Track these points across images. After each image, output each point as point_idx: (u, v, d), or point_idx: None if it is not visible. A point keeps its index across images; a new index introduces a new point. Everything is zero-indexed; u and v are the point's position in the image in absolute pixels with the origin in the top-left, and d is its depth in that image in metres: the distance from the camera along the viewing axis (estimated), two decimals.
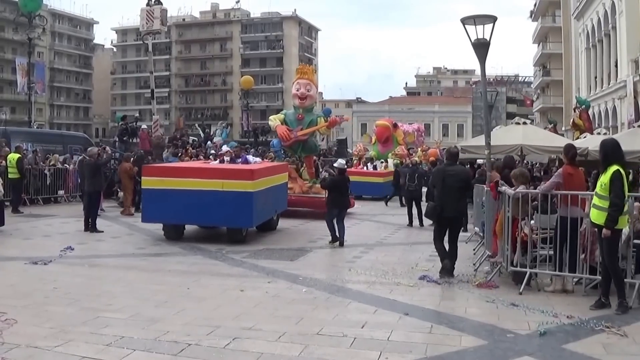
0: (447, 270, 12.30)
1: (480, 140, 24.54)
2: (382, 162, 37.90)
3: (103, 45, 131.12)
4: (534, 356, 7.58)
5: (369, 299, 10.42)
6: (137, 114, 43.37)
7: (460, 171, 13.02)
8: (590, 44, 48.40)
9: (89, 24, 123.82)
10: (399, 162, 37.70)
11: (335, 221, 16.65)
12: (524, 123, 24.25)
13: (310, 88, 25.14)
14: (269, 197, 17.57)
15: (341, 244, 16.41)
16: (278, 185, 18.92)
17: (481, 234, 15.71)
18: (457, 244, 12.85)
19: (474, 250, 15.74)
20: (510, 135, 22.31)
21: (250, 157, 20.34)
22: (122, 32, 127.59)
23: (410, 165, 25.60)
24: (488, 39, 14.19)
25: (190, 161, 25.29)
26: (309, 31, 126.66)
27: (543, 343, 8.07)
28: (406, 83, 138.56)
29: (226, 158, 19.33)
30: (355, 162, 40.79)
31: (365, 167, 36.79)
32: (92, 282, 11.35)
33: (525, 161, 31.90)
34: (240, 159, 19.45)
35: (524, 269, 11.26)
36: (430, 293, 11.18)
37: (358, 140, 67.43)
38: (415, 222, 21.66)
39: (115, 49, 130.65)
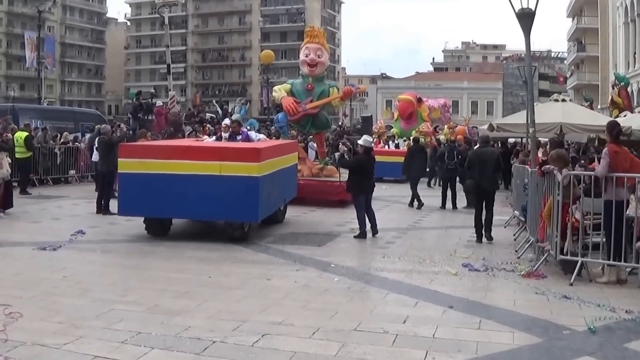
0: (480, 238, 14.40)
1: (517, 118, 23.87)
2: (404, 140, 36.45)
3: (116, 19, 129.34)
4: (595, 356, 6.83)
5: (408, 290, 9.61)
6: (153, 90, 42.33)
7: (491, 152, 15.42)
8: (629, 19, 46.72)
9: None
10: (423, 140, 36.43)
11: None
12: (563, 100, 23.48)
13: (322, 54, 21.66)
14: (277, 183, 14.76)
15: (374, 233, 14.56)
16: (287, 168, 16.10)
17: (522, 218, 15.03)
18: (493, 211, 14.77)
19: (514, 235, 14.97)
20: (549, 113, 21.43)
21: (252, 134, 17.26)
22: (136, 6, 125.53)
23: (448, 143, 24.42)
24: (533, 9, 13.45)
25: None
26: (331, 4, 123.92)
27: (603, 341, 7.31)
28: (433, 58, 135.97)
29: (224, 134, 16.63)
30: (375, 140, 39.39)
31: (386, 146, 35.26)
32: (105, 269, 10.52)
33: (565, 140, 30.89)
34: (240, 136, 16.36)
35: (574, 258, 10.43)
36: (474, 283, 10.37)
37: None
38: (448, 204, 20.68)
39: (129, 23, 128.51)
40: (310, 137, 26.01)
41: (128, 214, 13.78)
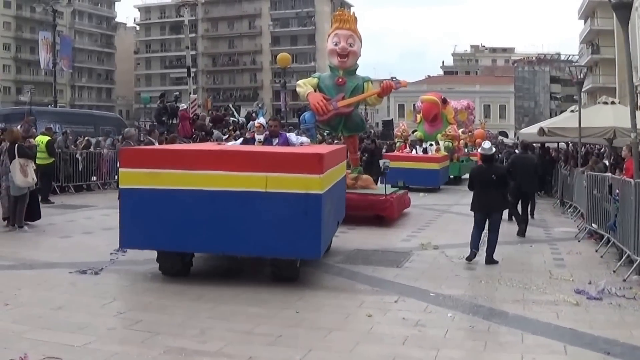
0: (523, 232, 15.70)
1: (569, 122, 22.34)
2: (431, 145, 34.23)
3: (125, 24, 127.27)
4: None
5: (540, 328, 7.85)
6: (177, 93, 40.56)
7: (531, 158, 17.45)
8: None
9: (110, 2, 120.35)
10: (450, 144, 34.49)
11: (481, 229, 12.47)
12: (612, 103, 22.13)
13: (354, 42, 17.99)
14: (334, 202, 11.25)
15: (486, 261, 12.05)
16: (340, 181, 12.43)
17: (605, 234, 13.47)
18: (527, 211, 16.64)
19: (596, 251, 13.39)
20: (600, 117, 20.44)
21: (292, 137, 13.78)
22: (146, 10, 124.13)
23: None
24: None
25: None
26: (341, 7, 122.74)
27: None
28: (443, 62, 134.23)
29: (258, 137, 13.11)
30: (400, 144, 37.24)
31: (414, 151, 33.02)
32: (165, 302, 8.54)
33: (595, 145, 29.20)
34: (277, 140, 12.91)
35: None
36: (606, 316, 8.66)
37: (397, 122, 63.53)
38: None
39: (138, 28, 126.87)
40: (337, 141, 23.38)
41: (134, 246, 10.18)
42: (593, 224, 14.64)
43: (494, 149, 13.25)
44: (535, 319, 8.27)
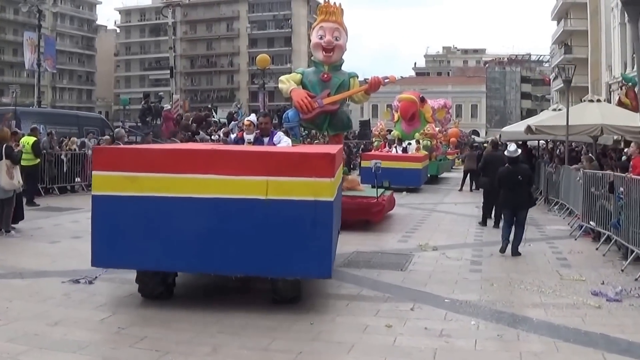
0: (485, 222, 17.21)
1: (555, 120, 22.38)
2: (409, 144, 33.47)
3: (106, 27, 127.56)
4: None
5: (571, 335, 7.50)
6: (161, 93, 39.92)
7: (501, 155, 16.16)
8: (625, 19, 44.90)
9: (91, 5, 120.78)
10: (428, 143, 34.12)
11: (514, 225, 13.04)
12: (598, 100, 22.46)
13: (340, 35, 16.76)
14: (338, 209, 10.40)
15: (513, 253, 12.73)
16: (340, 186, 11.45)
17: (605, 232, 13.40)
18: None
19: (596, 249, 13.34)
20: (587, 115, 20.53)
21: (277, 137, 11.97)
22: (126, 13, 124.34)
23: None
24: None
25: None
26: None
27: None
28: (415, 63, 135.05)
29: (247, 136, 11.86)
30: (379, 144, 36.78)
31: (393, 150, 32.06)
32: (166, 316, 7.81)
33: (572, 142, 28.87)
34: (268, 139, 11.67)
35: None
36: (632, 319, 8.37)
37: (372, 122, 62.84)
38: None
39: (118, 30, 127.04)
40: (316, 140, 22.42)
41: (108, 265, 8.72)
42: (591, 222, 14.56)
43: (519, 151, 13.69)
44: (562, 324, 7.92)
